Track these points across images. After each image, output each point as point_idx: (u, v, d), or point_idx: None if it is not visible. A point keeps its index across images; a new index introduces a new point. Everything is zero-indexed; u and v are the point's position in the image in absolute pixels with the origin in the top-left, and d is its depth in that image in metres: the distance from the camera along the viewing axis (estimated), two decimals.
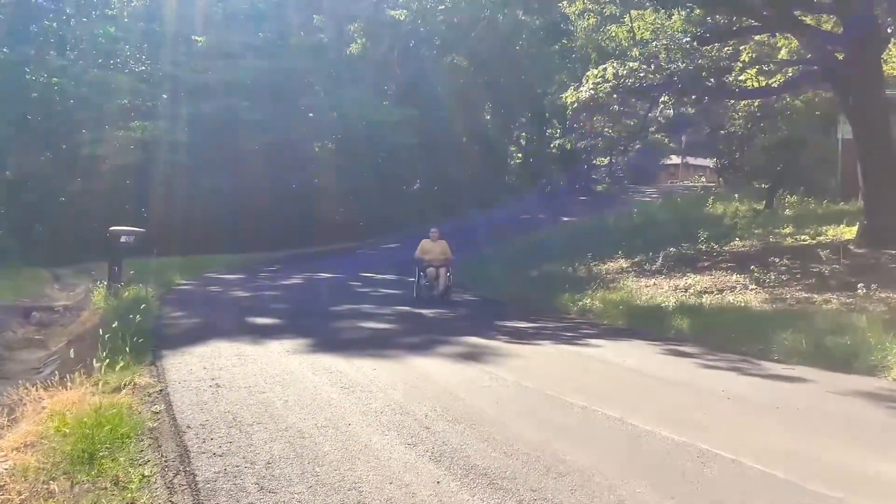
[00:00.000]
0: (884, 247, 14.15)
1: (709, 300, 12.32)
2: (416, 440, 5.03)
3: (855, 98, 15.35)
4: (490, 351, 8.76)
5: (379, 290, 16.78)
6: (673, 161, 74.83)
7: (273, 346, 8.97)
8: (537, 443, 4.98)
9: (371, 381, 6.89)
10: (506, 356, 8.37)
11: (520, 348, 9.01)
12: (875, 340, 7.97)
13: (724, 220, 21.25)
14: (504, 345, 9.30)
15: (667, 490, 4.12)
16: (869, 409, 6.03)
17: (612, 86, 18.25)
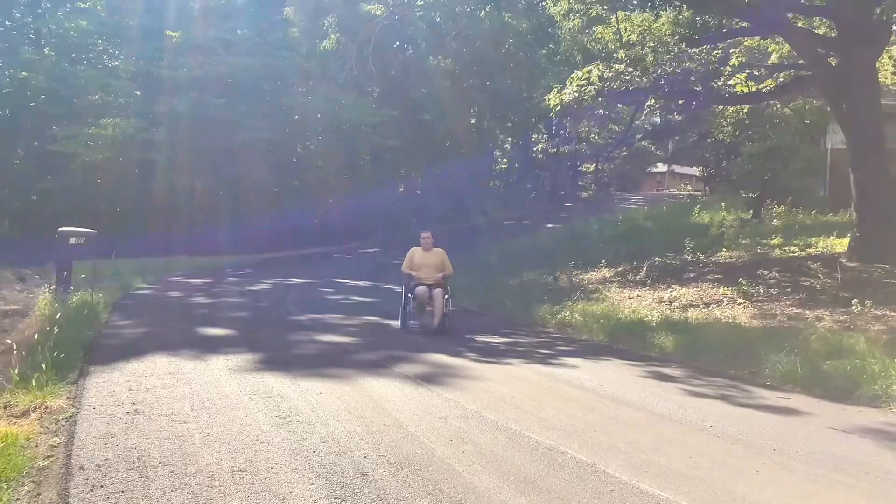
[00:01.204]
0: (877, 260, 13.49)
1: (695, 315, 11.60)
2: (347, 492, 4.20)
3: (849, 105, 14.68)
4: (454, 371, 7.95)
5: (350, 298, 15.94)
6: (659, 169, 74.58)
7: (215, 362, 8.12)
8: (491, 498, 4.16)
9: (312, 410, 6.06)
10: (470, 378, 7.55)
11: (487, 369, 8.20)
12: (878, 367, 7.22)
13: (711, 229, 20.56)
14: (471, 364, 8.50)
15: None
16: (879, 454, 5.24)
17: (597, 89, 17.56)
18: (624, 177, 69.39)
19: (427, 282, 11.27)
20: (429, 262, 11.53)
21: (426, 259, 11.57)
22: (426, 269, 11.45)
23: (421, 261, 11.54)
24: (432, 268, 11.50)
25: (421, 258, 11.58)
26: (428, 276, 11.36)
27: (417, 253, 11.68)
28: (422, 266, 11.47)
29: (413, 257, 11.64)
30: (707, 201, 30.84)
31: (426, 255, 11.61)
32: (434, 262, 11.55)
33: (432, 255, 11.63)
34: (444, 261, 11.62)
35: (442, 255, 11.67)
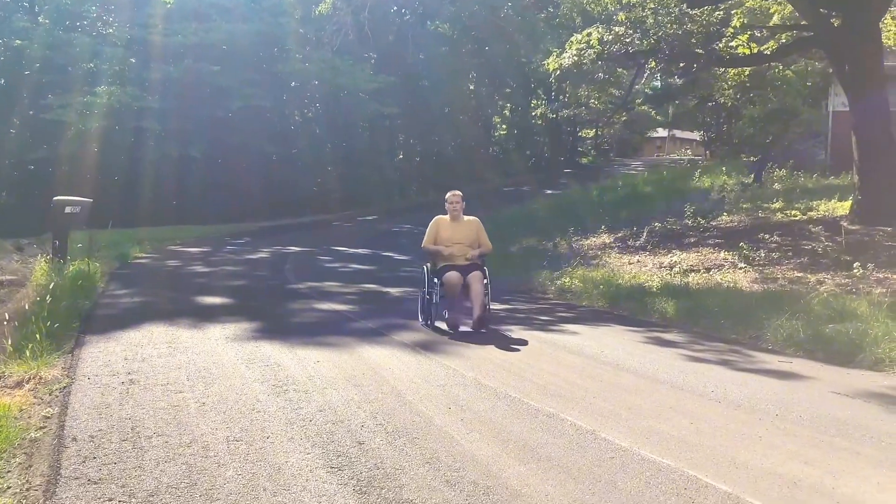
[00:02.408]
0: (879, 223, 13.40)
1: (695, 280, 11.53)
2: (344, 461, 4.13)
3: (851, 66, 14.48)
4: (453, 339, 7.88)
5: (348, 266, 15.88)
6: (659, 134, 74.19)
7: (213, 331, 8.05)
8: (490, 466, 4.10)
9: (309, 378, 5.99)
10: (469, 346, 7.48)
11: (486, 336, 8.13)
12: (880, 330, 7.15)
13: (711, 194, 20.46)
14: (470, 331, 8.42)
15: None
16: (883, 418, 5.17)
17: (597, 52, 17.35)
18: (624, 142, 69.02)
19: (459, 263, 8.57)
20: (459, 235, 8.75)
21: (456, 232, 8.76)
22: (456, 245, 8.69)
23: (449, 234, 8.74)
24: (464, 243, 8.73)
25: (449, 231, 8.77)
26: (459, 254, 8.67)
27: (443, 224, 8.85)
28: (450, 241, 8.70)
29: (438, 230, 8.80)
30: (708, 166, 30.67)
31: (456, 227, 8.81)
32: (466, 235, 8.77)
33: (463, 226, 8.85)
34: (479, 233, 8.87)
35: (476, 226, 8.88)
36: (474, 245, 8.81)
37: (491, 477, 3.93)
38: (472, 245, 8.79)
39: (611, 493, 3.75)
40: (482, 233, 8.94)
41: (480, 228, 8.93)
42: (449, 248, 8.65)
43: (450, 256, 8.63)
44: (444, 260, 8.64)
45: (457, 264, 8.56)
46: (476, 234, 8.87)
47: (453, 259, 8.61)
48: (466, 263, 8.60)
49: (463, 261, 8.63)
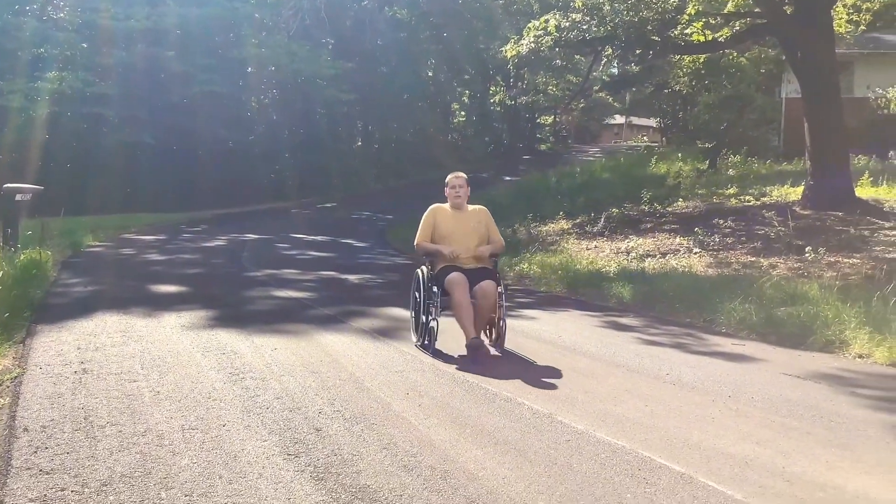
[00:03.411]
0: (830, 208, 13.68)
1: (651, 265, 11.66)
2: (301, 448, 4.11)
3: (803, 53, 14.71)
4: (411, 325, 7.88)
5: (306, 253, 15.77)
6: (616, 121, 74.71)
7: (168, 319, 7.95)
8: (447, 450, 4.11)
9: (266, 366, 5.95)
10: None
11: (444, 322, 8.11)
12: (831, 313, 7.30)
13: (668, 180, 20.68)
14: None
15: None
16: (832, 399, 5.29)
17: (554, 39, 17.37)
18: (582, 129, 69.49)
19: (465, 264, 6.77)
20: (464, 229, 6.95)
21: (460, 224, 6.98)
22: (460, 240, 6.88)
23: (451, 227, 6.95)
24: (471, 238, 6.92)
25: (450, 223, 6.98)
26: (466, 253, 6.83)
27: (443, 214, 7.06)
28: (452, 236, 6.89)
29: (436, 222, 7.01)
30: (664, 152, 30.97)
31: (459, 219, 7.02)
32: (473, 228, 6.98)
33: (468, 217, 7.06)
34: (488, 227, 7.08)
35: (485, 217, 7.11)
36: (483, 241, 6.95)
37: (448, 461, 3.95)
38: (479, 241, 6.93)
39: (566, 474, 3.78)
40: (492, 225, 7.11)
41: (490, 220, 7.11)
42: (452, 248, 6.76)
43: (452, 257, 6.73)
44: (445, 261, 6.78)
45: (462, 267, 6.71)
46: (485, 228, 7.02)
47: (457, 260, 6.75)
48: (475, 266, 6.77)
49: (470, 262, 6.80)
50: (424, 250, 6.98)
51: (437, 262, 6.85)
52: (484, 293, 6.51)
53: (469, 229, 6.97)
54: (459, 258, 6.77)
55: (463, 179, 7.13)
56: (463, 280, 6.52)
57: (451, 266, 6.72)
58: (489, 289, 6.54)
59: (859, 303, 7.40)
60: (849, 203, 13.66)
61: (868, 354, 6.55)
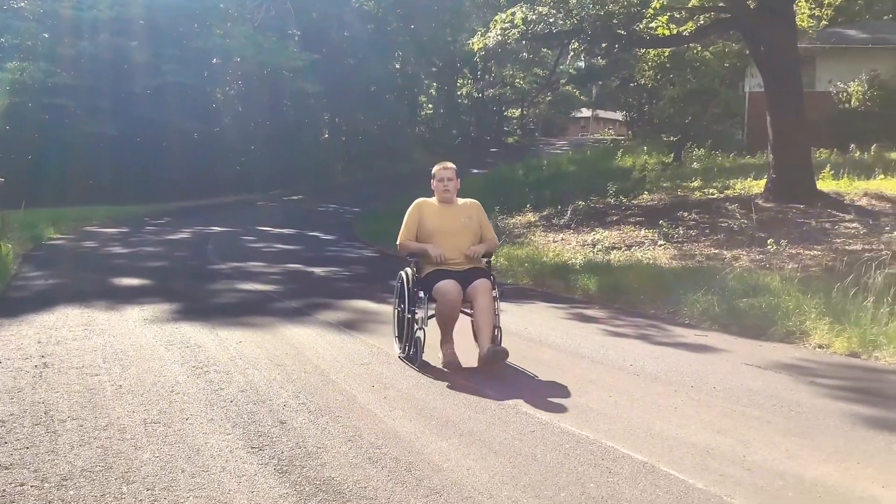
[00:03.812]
0: (791, 201, 13.87)
1: (617, 257, 11.76)
2: (265, 441, 4.09)
3: (766, 48, 14.89)
4: (378, 318, 7.87)
5: (272, 246, 15.69)
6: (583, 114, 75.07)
7: (130, 313, 7.86)
8: (412, 442, 4.11)
9: (231, 359, 5.91)
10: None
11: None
12: (792, 304, 7.41)
13: (633, 173, 20.84)
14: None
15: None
16: (792, 388, 5.37)
17: (521, 32, 17.40)
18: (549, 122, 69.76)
19: (455, 267, 6.00)
20: (453, 225, 6.16)
21: (448, 220, 6.17)
22: (449, 238, 6.08)
23: (438, 224, 6.15)
24: (461, 236, 6.13)
25: (438, 219, 6.18)
26: (455, 254, 6.04)
27: (429, 210, 6.26)
28: (440, 234, 6.10)
29: (422, 218, 6.21)
30: (630, 145, 31.17)
31: (447, 214, 6.22)
32: (463, 224, 6.19)
33: (458, 212, 6.26)
34: (481, 223, 6.32)
35: (476, 212, 6.34)
36: (475, 239, 6.18)
37: (413, 453, 3.95)
38: (471, 240, 6.15)
39: (531, 465, 3.80)
40: (485, 221, 6.40)
41: (482, 215, 6.39)
42: (440, 251, 5.97)
43: (441, 259, 5.95)
44: (433, 263, 6.00)
45: (452, 269, 5.96)
46: (477, 224, 6.25)
47: (446, 262, 5.97)
48: (466, 268, 6.02)
49: (461, 262, 6.03)
50: (408, 250, 6.15)
51: (424, 263, 6.05)
52: (479, 292, 5.81)
53: (459, 226, 6.13)
54: (448, 260, 5.97)
55: (452, 171, 6.30)
56: (455, 290, 5.73)
57: (440, 270, 5.91)
58: (483, 287, 5.84)
59: (819, 294, 7.51)
60: (810, 196, 13.88)
61: (828, 345, 6.65)
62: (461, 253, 6.06)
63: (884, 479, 3.68)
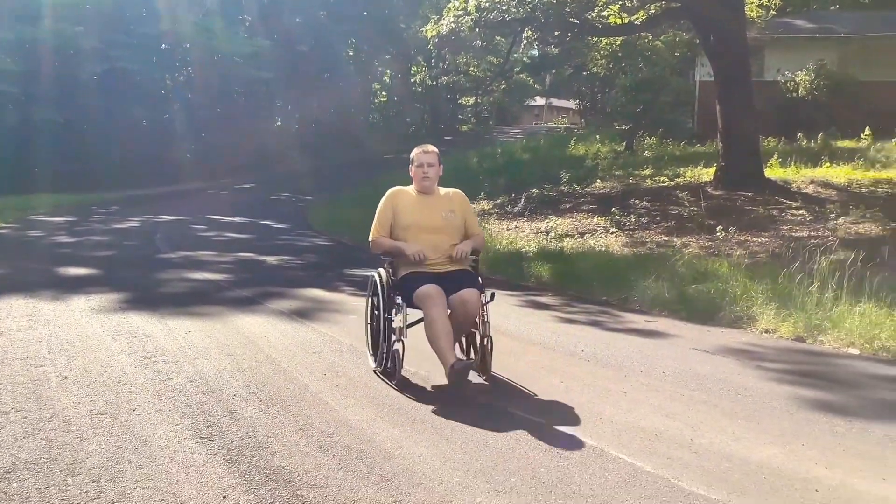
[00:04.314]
0: (740, 188, 14.08)
1: (570, 244, 11.83)
2: (214, 431, 4.05)
3: (716, 37, 15.07)
4: (331, 306, 7.84)
5: (224, 235, 15.48)
6: (537, 102, 75.35)
7: (77, 303, 7.70)
8: (364, 430, 4.10)
9: (180, 349, 5.82)
10: (347, 312, 7.45)
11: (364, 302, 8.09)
12: (739, 289, 7.54)
13: (586, 161, 20.96)
14: (348, 298, 8.39)
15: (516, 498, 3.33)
16: (739, 372, 5.47)
17: (474, 19, 17.38)
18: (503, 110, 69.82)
19: (437, 267, 5.16)
20: (434, 219, 5.29)
21: (428, 212, 5.31)
22: (430, 236, 5.23)
23: (416, 217, 5.29)
24: (443, 233, 5.28)
25: (416, 212, 5.32)
26: (435, 253, 5.18)
27: (406, 200, 5.40)
28: (418, 230, 5.24)
29: (397, 210, 5.36)
30: (583, 134, 31.37)
31: (428, 205, 5.36)
32: (445, 218, 5.31)
33: (440, 203, 5.40)
34: (466, 216, 5.46)
35: (460, 204, 5.48)
36: (459, 236, 5.34)
37: (364, 441, 3.94)
38: (454, 236, 5.30)
39: (482, 451, 3.82)
40: (471, 215, 5.56)
41: (467, 207, 5.54)
42: (418, 248, 5.09)
43: (417, 259, 5.08)
44: (410, 264, 5.13)
45: (432, 271, 5.11)
46: (461, 219, 5.39)
47: (425, 262, 5.11)
48: (449, 269, 5.15)
49: (443, 263, 5.17)
50: (381, 249, 5.31)
51: (401, 263, 5.18)
52: (463, 303, 4.96)
53: (440, 220, 5.25)
54: (428, 260, 5.11)
55: (434, 154, 5.41)
56: (438, 294, 4.90)
57: (419, 272, 5.07)
58: (470, 298, 4.98)
59: (766, 280, 7.65)
60: (758, 184, 14.10)
61: (774, 329, 6.78)
62: (443, 252, 5.16)
63: (827, 460, 3.77)
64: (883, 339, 6.06)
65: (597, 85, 39.91)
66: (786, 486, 3.43)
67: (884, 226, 11.03)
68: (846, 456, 3.83)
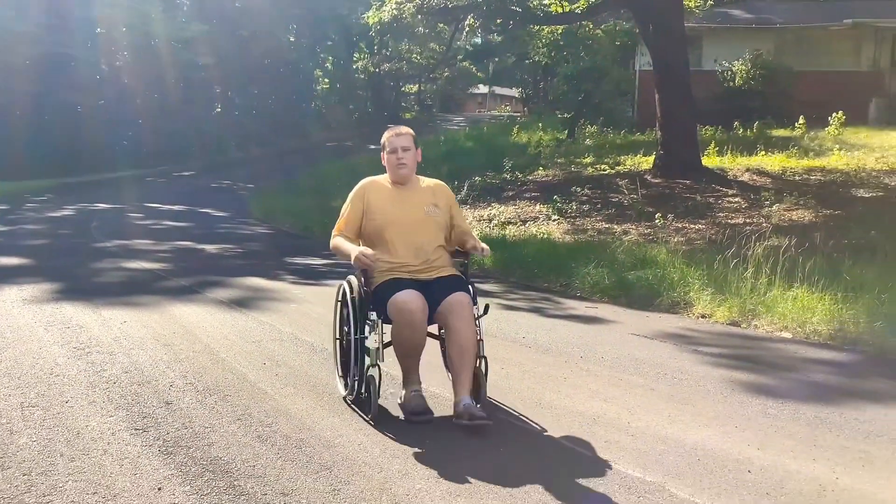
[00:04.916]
0: (678, 176, 14.30)
1: (512, 232, 11.90)
2: (149, 422, 3.97)
3: (655, 27, 15.25)
4: (271, 295, 7.76)
5: (161, 223, 15.20)
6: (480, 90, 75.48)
7: (8, 293, 7.49)
8: (304, 419, 4.08)
9: (115, 340, 5.70)
10: (288, 301, 7.39)
11: (307, 291, 8.05)
12: (677, 276, 7.67)
13: (529, 149, 21.05)
14: (289, 286, 8.33)
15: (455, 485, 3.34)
16: (676, 356, 5.57)
17: (416, 6, 17.31)
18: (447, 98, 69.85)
19: (418, 275, 4.27)
20: (413, 215, 4.41)
21: (405, 209, 4.42)
22: (409, 235, 4.36)
23: (392, 215, 4.39)
24: (425, 231, 4.41)
25: (391, 207, 4.42)
26: (419, 256, 4.33)
27: (379, 193, 4.49)
28: (396, 229, 4.36)
29: (369, 207, 4.44)
30: (525, 122, 31.53)
31: (405, 200, 4.46)
32: (428, 214, 4.43)
33: (420, 196, 4.50)
34: (452, 211, 4.59)
35: (444, 197, 4.59)
36: (443, 233, 4.45)
37: (304, 430, 3.91)
38: (438, 235, 4.41)
39: (422, 438, 3.81)
40: (457, 210, 4.66)
41: (453, 200, 4.65)
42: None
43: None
44: (385, 270, 4.23)
45: (414, 279, 4.20)
46: (447, 214, 4.49)
47: (402, 268, 4.24)
48: (432, 276, 4.26)
49: (424, 268, 4.27)
50: (336, 251, 4.44)
51: (370, 273, 4.17)
52: (454, 311, 4.09)
53: (422, 217, 4.36)
54: (402, 266, 4.24)
55: (408, 136, 4.45)
56: (419, 303, 4.01)
57: (396, 279, 4.16)
58: (459, 303, 4.11)
59: (703, 266, 7.80)
60: (696, 172, 14.34)
61: (710, 314, 6.91)
62: (427, 255, 4.28)
63: (759, 441, 3.86)
64: (814, 322, 6.22)
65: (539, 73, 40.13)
66: (719, 468, 3.51)
67: (816, 212, 11.33)
68: (778, 437, 3.93)
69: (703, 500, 3.17)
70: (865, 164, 14.70)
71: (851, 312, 6.16)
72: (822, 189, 12.90)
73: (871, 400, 4.58)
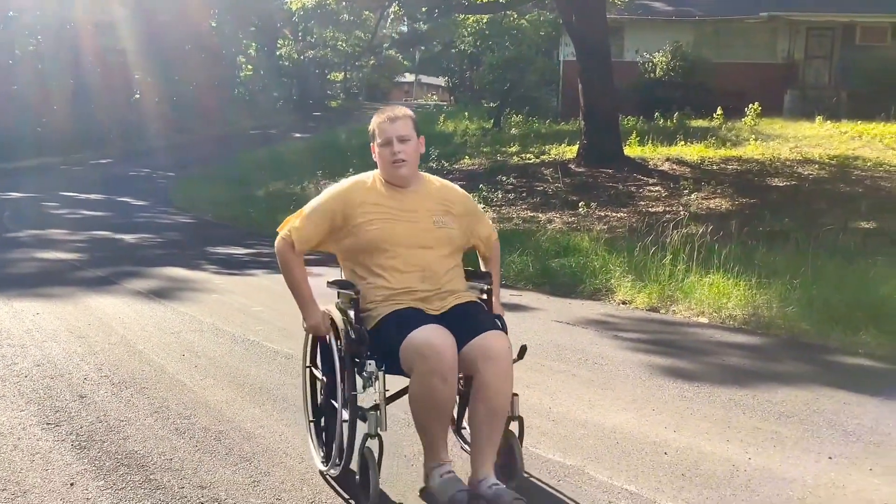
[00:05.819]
0: (601, 165, 14.54)
1: None
2: (62, 416, 3.86)
3: (577, 17, 15.42)
4: (191, 285, 7.60)
5: (78, 212, 14.73)
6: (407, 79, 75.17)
7: None
8: (223, 411, 4.01)
9: (27, 332, 5.52)
10: (209, 291, 7.26)
11: (228, 281, 7.91)
12: (599, 263, 7.79)
13: (455, 138, 21.10)
14: (210, 276, 8.17)
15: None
16: (597, 342, 5.67)
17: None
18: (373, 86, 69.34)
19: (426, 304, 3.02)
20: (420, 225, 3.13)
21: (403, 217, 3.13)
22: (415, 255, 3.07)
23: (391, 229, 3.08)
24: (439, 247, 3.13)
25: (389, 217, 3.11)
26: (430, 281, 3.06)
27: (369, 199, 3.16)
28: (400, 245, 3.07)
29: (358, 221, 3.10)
30: (452, 111, 31.56)
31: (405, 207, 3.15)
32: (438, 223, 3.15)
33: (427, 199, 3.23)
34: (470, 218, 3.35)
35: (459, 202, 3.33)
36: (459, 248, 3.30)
37: (224, 422, 3.85)
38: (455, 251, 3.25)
39: None
40: (477, 214, 3.54)
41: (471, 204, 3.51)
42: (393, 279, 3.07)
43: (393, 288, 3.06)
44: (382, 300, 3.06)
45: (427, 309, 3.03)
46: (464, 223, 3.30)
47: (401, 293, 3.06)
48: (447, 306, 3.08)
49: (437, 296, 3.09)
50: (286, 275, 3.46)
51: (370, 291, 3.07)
52: (489, 357, 2.99)
53: (431, 227, 3.16)
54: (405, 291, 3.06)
55: (408, 121, 3.25)
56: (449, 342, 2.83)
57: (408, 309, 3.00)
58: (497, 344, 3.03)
59: (624, 253, 7.94)
60: (618, 161, 14.59)
61: (630, 300, 7.04)
62: (436, 280, 3.09)
63: (675, 423, 3.95)
64: (730, 307, 6.39)
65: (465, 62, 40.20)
66: (636, 450, 3.58)
67: (732, 201, 11.66)
68: (693, 419, 4.03)
69: (621, 482, 3.23)
70: (780, 153, 15.17)
71: (765, 298, 6.35)
72: (738, 178, 13.27)
73: (783, 382, 4.74)
